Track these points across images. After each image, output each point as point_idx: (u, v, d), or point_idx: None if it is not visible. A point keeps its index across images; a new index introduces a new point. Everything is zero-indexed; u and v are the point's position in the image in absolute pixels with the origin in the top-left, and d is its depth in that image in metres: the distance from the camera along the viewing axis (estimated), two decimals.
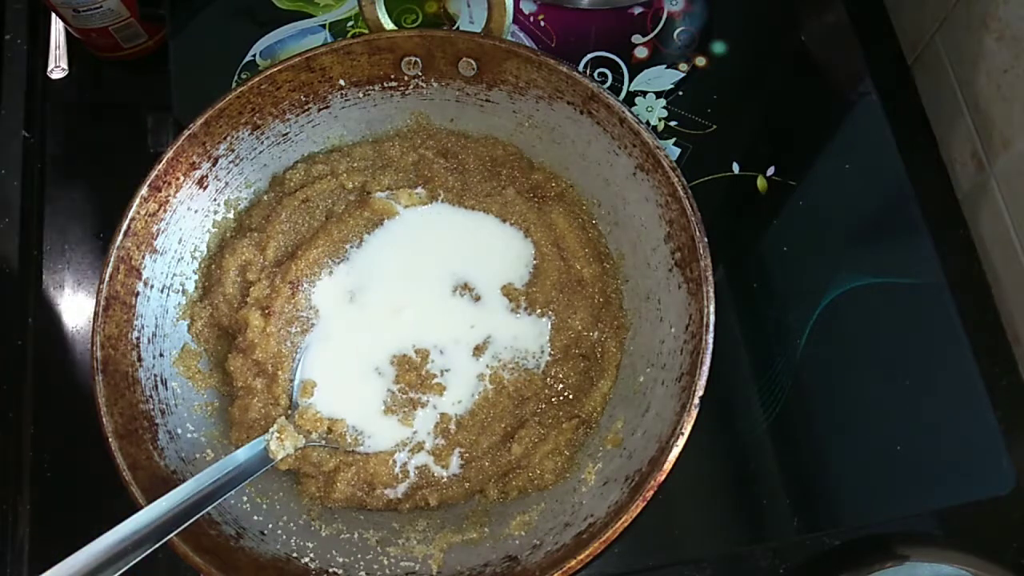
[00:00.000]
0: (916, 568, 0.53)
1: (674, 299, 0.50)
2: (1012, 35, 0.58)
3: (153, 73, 0.70)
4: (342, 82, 0.56)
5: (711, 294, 0.47)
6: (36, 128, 0.71)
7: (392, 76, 0.56)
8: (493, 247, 0.56)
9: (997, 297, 0.64)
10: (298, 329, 0.54)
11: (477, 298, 0.55)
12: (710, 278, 0.47)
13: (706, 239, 0.48)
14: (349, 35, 0.66)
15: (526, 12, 0.68)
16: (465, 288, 0.55)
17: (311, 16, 0.68)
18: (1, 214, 0.68)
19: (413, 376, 0.53)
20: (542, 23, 0.68)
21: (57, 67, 0.72)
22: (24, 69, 0.72)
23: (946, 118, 0.68)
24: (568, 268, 0.55)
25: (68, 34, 0.72)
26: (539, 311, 0.54)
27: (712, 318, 0.47)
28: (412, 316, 0.54)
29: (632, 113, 0.51)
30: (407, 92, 0.57)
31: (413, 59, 0.55)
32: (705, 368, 0.45)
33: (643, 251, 0.53)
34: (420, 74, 0.56)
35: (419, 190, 0.57)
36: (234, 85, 0.64)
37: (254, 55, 0.67)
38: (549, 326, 0.54)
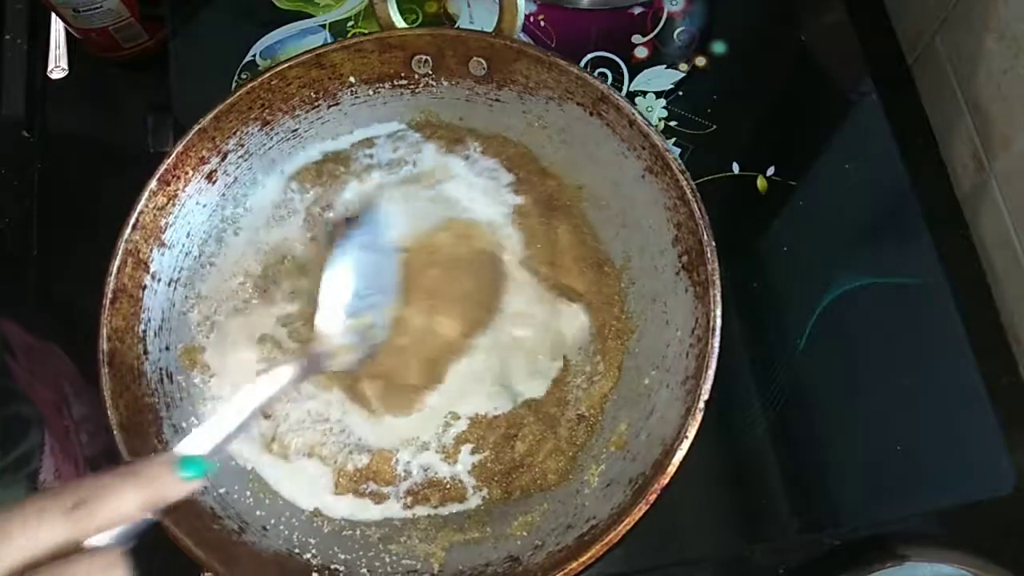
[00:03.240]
0: (916, 568, 0.53)
1: (680, 302, 0.50)
2: (1012, 35, 0.58)
3: (153, 73, 0.69)
4: (352, 79, 0.56)
5: (718, 298, 0.47)
6: (36, 128, 0.71)
7: (402, 74, 0.56)
8: None
9: (997, 297, 0.64)
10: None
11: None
12: (717, 282, 0.47)
13: (714, 243, 0.48)
14: (350, 35, 0.66)
15: (526, 12, 0.68)
16: None
17: (311, 16, 0.68)
18: (1, 214, 0.68)
19: None
20: (542, 23, 0.68)
21: (57, 67, 0.72)
22: (24, 69, 0.72)
23: (946, 118, 0.68)
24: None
25: (68, 34, 0.72)
26: None
27: (719, 322, 0.46)
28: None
29: (642, 115, 0.51)
30: (417, 90, 0.57)
31: (424, 58, 0.55)
32: (711, 372, 0.45)
33: (650, 254, 0.53)
34: (430, 72, 0.56)
35: None
36: (237, 83, 0.64)
37: (254, 55, 0.67)
38: None
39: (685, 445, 0.44)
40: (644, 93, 0.66)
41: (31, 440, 0.49)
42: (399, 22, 0.55)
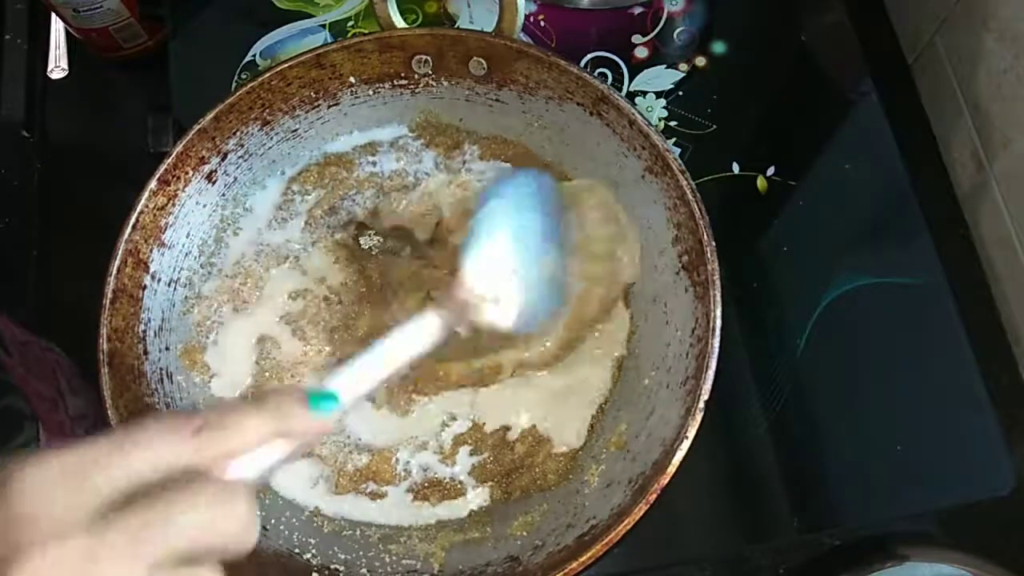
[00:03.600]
0: (916, 568, 0.53)
1: (681, 303, 0.50)
2: (1012, 35, 0.58)
3: (153, 73, 0.69)
4: (352, 79, 0.56)
5: (718, 298, 0.47)
6: (36, 128, 0.71)
7: (402, 74, 0.56)
8: None
9: (997, 297, 0.64)
10: None
11: None
12: (717, 282, 0.47)
13: (714, 243, 0.48)
14: (350, 35, 0.66)
15: (526, 12, 0.68)
16: None
17: (311, 16, 0.68)
18: (1, 214, 0.68)
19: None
20: (542, 23, 0.68)
21: (57, 67, 0.72)
22: (24, 69, 0.72)
23: (946, 118, 0.68)
24: None
25: (68, 34, 0.72)
26: None
27: (719, 322, 0.46)
28: None
29: (642, 115, 0.51)
30: (417, 90, 0.57)
31: (424, 58, 0.55)
32: (711, 373, 0.45)
33: (650, 254, 0.53)
34: (430, 72, 0.56)
35: None
36: (236, 83, 0.64)
37: (254, 55, 0.67)
38: None
39: (685, 445, 0.44)
40: (644, 93, 0.66)
41: (26, 434, 0.49)
42: (399, 22, 0.55)
